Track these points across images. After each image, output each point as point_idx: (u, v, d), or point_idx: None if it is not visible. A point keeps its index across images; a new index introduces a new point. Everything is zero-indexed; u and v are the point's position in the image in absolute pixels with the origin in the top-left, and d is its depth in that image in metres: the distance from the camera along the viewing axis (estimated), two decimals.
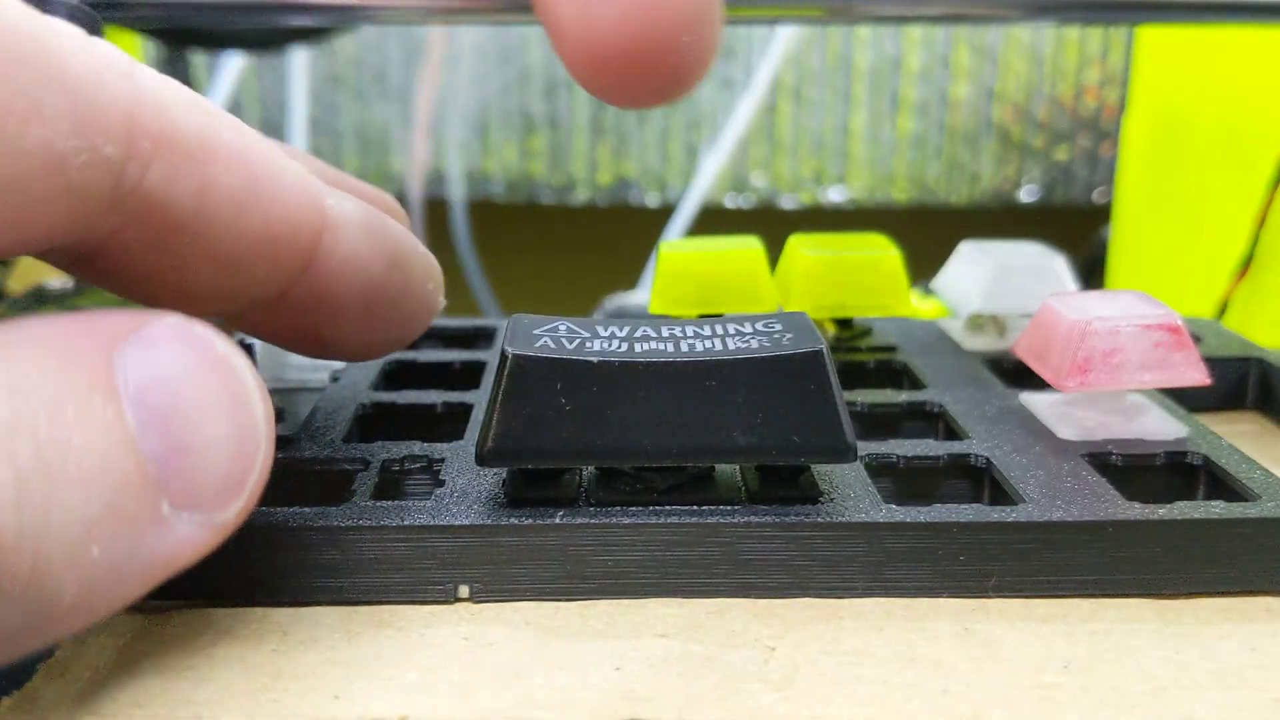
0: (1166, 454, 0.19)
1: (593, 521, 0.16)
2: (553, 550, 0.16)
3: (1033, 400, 0.21)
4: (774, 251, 0.25)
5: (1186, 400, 0.21)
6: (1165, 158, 0.51)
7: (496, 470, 0.17)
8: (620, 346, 0.16)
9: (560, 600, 0.16)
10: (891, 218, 0.74)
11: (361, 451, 0.18)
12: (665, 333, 0.17)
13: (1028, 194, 0.74)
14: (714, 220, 0.71)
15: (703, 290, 0.24)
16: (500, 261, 0.76)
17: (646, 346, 0.16)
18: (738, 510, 0.16)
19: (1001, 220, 0.75)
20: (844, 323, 0.26)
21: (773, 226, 0.32)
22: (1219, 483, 0.18)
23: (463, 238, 0.75)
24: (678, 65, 0.17)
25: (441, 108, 0.75)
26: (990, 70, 0.73)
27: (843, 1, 0.36)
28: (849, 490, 0.17)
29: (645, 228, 0.71)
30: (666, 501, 0.16)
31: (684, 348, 0.16)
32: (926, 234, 0.45)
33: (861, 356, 0.24)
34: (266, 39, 0.57)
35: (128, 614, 0.15)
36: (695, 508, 0.16)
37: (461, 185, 0.77)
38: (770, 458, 0.16)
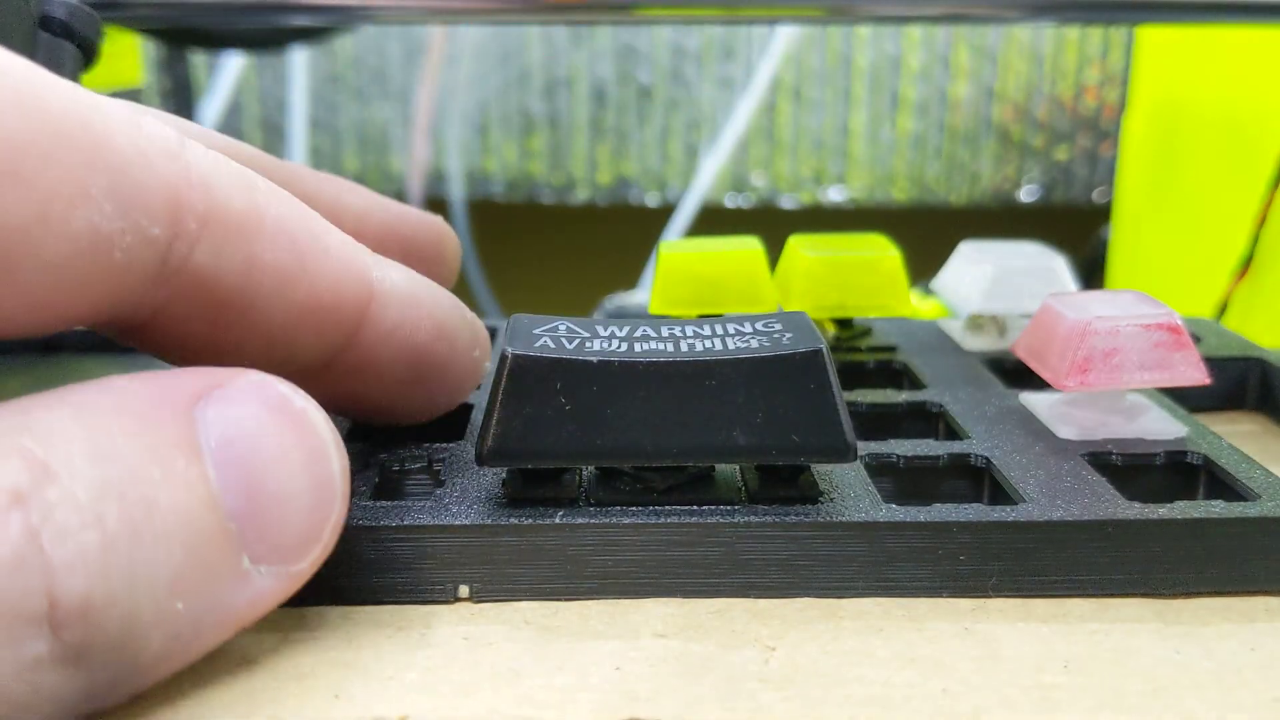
0: (1166, 454, 0.19)
1: (592, 521, 0.16)
2: (553, 550, 0.16)
3: (1033, 400, 0.21)
4: (774, 251, 0.25)
5: (1187, 400, 0.21)
6: (1165, 158, 0.51)
7: (496, 470, 0.17)
8: (620, 346, 0.16)
9: (560, 600, 0.16)
10: (891, 217, 0.74)
11: (362, 451, 0.18)
12: (665, 332, 0.17)
13: (1028, 194, 0.74)
14: (714, 220, 0.71)
15: (702, 290, 0.24)
16: (500, 261, 0.76)
17: (646, 346, 0.16)
18: (737, 510, 0.16)
19: (1001, 220, 0.75)
20: (844, 323, 0.26)
21: (773, 226, 0.32)
22: (1219, 482, 0.18)
23: (462, 237, 0.75)
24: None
25: (441, 107, 0.75)
26: (990, 70, 0.73)
27: (843, 1, 0.36)
28: (849, 490, 0.17)
29: (645, 228, 0.71)
30: (666, 501, 0.16)
31: (684, 347, 0.16)
32: (926, 234, 0.45)
33: (861, 356, 0.24)
34: (266, 39, 0.57)
35: None
36: (695, 507, 0.16)
37: (461, 185, 0.77)
38: (770, 457, 0.16)
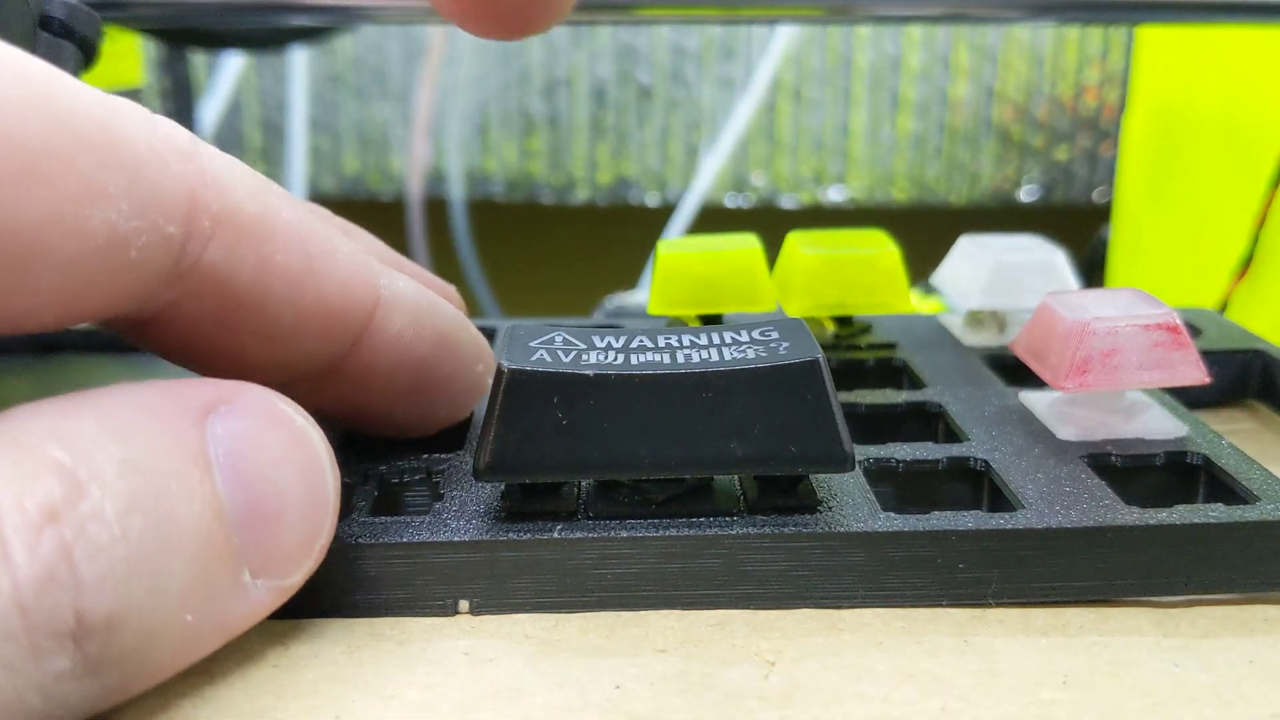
0: (1166, 454, 0.19)
1: (591, 535, 0.16)
2: (552, 564, 0.16)
3: (1032, 399, 0.21)
4: (773, 251, 0.25)
5: (1188, 393, 0.21)
6: (1165, 157, 0.51)
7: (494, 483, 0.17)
8: (616, 358, 0.16)
9: (560, 613, 0.16)
10: (891, 217, 0.74)
11: (360, 463, 0.18)
12: (662, 343, 0.17)
13: (1028, 193, 0.74)
14: (714, 220, 0.71)
15: (701, 290, 0.24)
16: (500, 261, 0.76)
17: (643, 358, 0.16)
18: (736, 521, 0.16)
19: (1001, 220, 0.74)
20: (843, 320, 0.25)
21: (772, 226, 0.32)
22: (1218, 483, 0.18)
23: (462, 237, 0.75)
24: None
25: (441, 107, 0.75)
26: (990, 70, 0.73)
27: (843, 1, 0.36)
28: (848, 498, 0.17)
29: (645, 227, 0.71)
30: (665, 513, 0.16)
31: (680, 359, 0.16)
32: (926, 234, 0.45)
33: (861, 354, 0.24)
34: (266, 39, 0.57)
35: None
36: (693, 519, 0.16)
37: (461, 185, 0.77)
38: (768, 468, 0.16)
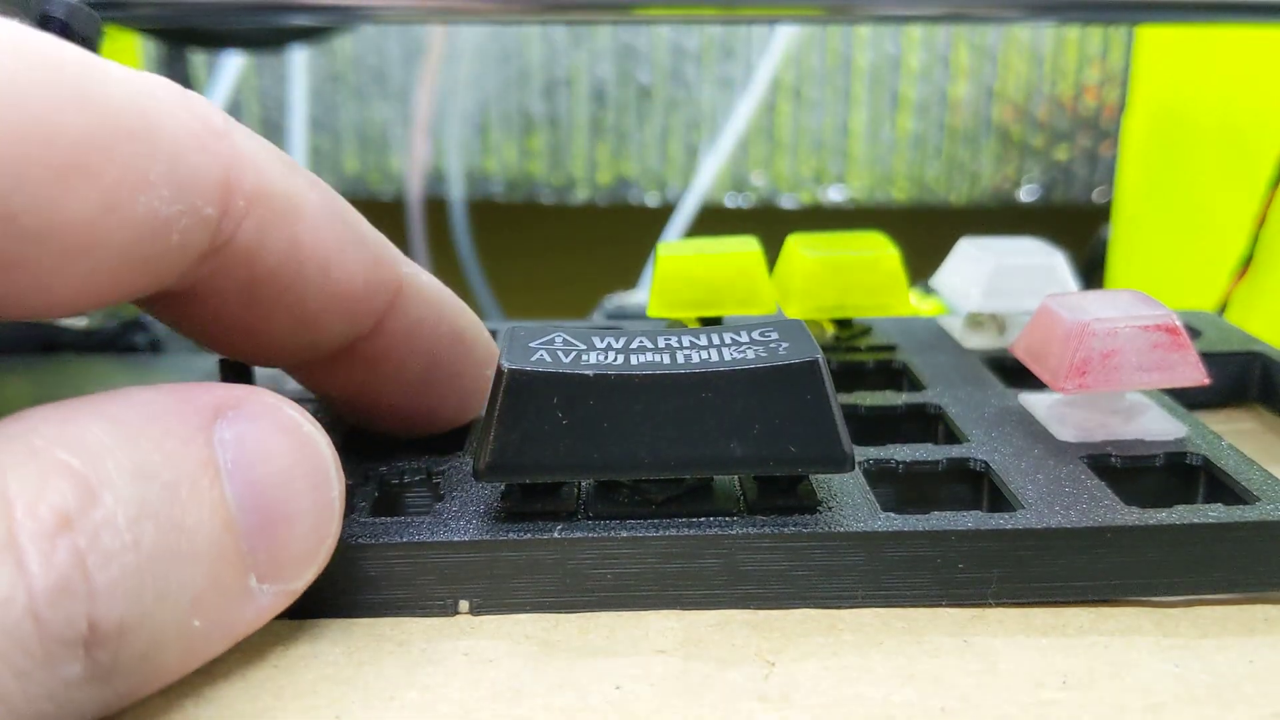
0: (1166, 455, 0.19)
1: (591, 535, 0.16)
2: (552, 564, 0.16)
3: (1032, 401, 0.21)
4: (773, 252, 0.25)
5: (1188, 396, 0.21)
6: (1165, 157, 0.51)
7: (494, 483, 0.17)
8: (616, 359, 0.16)
9: (560, 613, 0.16)
10: (891, 217, 0.74)
11: (360, 464, 0.18)
12: (661, 344, 0.17)
13: (1028, 193, 0.74)
14: (714, 220, 0.71)
15: (701, 292, 0.24)
16: (500, 261, 0.76)
17: (643, 359, 0.16)
18: (736, 521, 0.16)
19: (1001, 220, 0.74)
20: (843, 322, 0.25)
21: (772, 226, 0.32)
22: (1218, 484, 0.18)
23: (462, 237, 0.75)
24: None
25: (441, 107, 0.75)
26: (990, 70, 0.73)
27: (842, 1, 0.36)
28: (847, 498, 0.17)
29: (645, 227, 0.71)
30: (665, 513, 0.16)
31: (680, 359, 0.16)
32: (926, 233, 0.45)
33: (861, 356, 0.24)
34: (266, 38, 0.57)
35: None
36: (693, 519, 0.16)
37: (461, 185, 0.77)
38: (768, 468, 0.16)
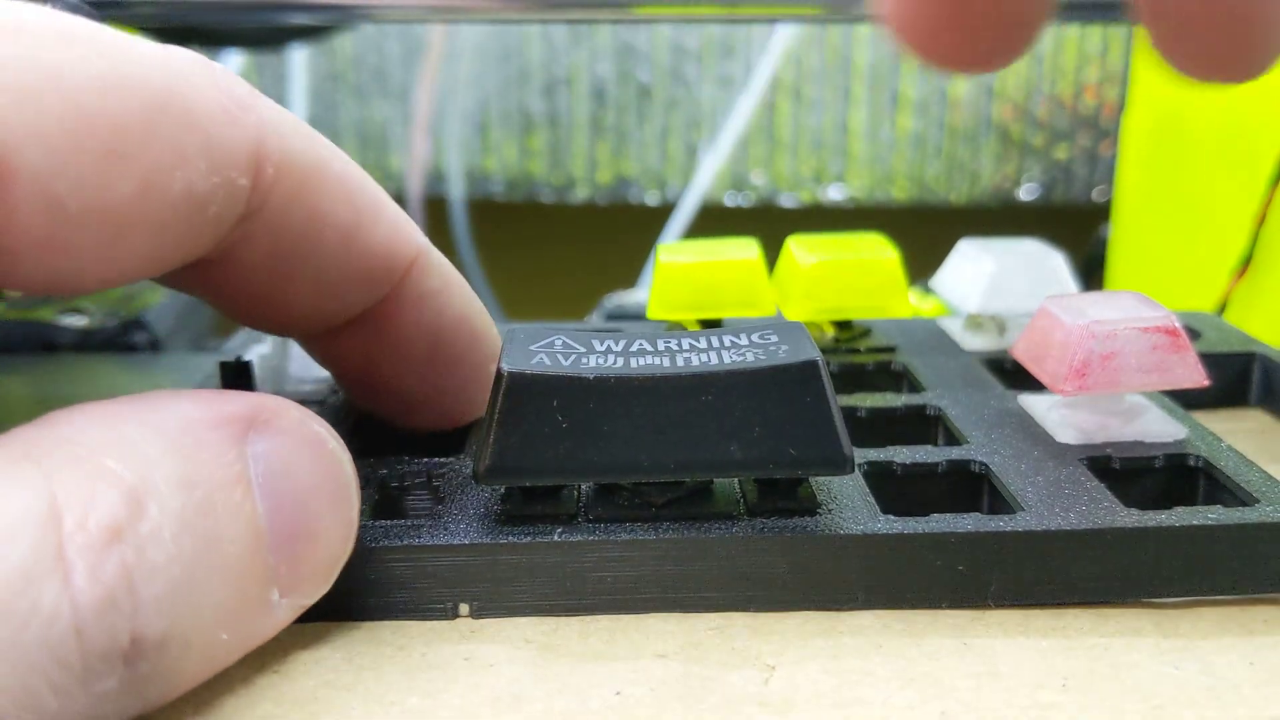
0: (1165, 456, 0.19)
1: (591, 538, 0.16)
2: (552, 567, 0.16)
3: (1031, 402, 0.21)
4: (773, 251, 0.25)
5: (1187, 396, 0.21)
6: (1165, 156, 0.51)
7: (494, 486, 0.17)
8: (616, 362, 0.16)
9: (561, 616, 0.16)
10: (891, 216, 0.74)
11: (361, 468, 0.18)
12: (661, 346, 0.17)
13: (1027, 192, 0.74)
14: (714, 219, 0.71)
15: (701, 294, 0.24)
16: (500, 260, 0.75)
17: (642, 361, 0.16)
18: (736, 524, 0.16)
19: (1001, 219, 0.74)
20: (843, 324, 0.26)
21: (772, 225, 0.32)
22: (1218, 485, 0.18)
23: (462, 236, 0.75)
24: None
25: (441, 106, 0.75)
26: None
27: (842, 0, 0.36)
28: (847, 500, 0.17)
29: (645, 226, 0.70)
30: (665, 516, 0.16)
31: (680, 362, 0.16)
32: (926, 232, 0.45)
33: (861, 358, 0.24)
34: (266, 37, 0.57)
35: None
36: (693, 522, 0.16)
37: (461, 183, 0.76)
38: (767, 471, 0.16)
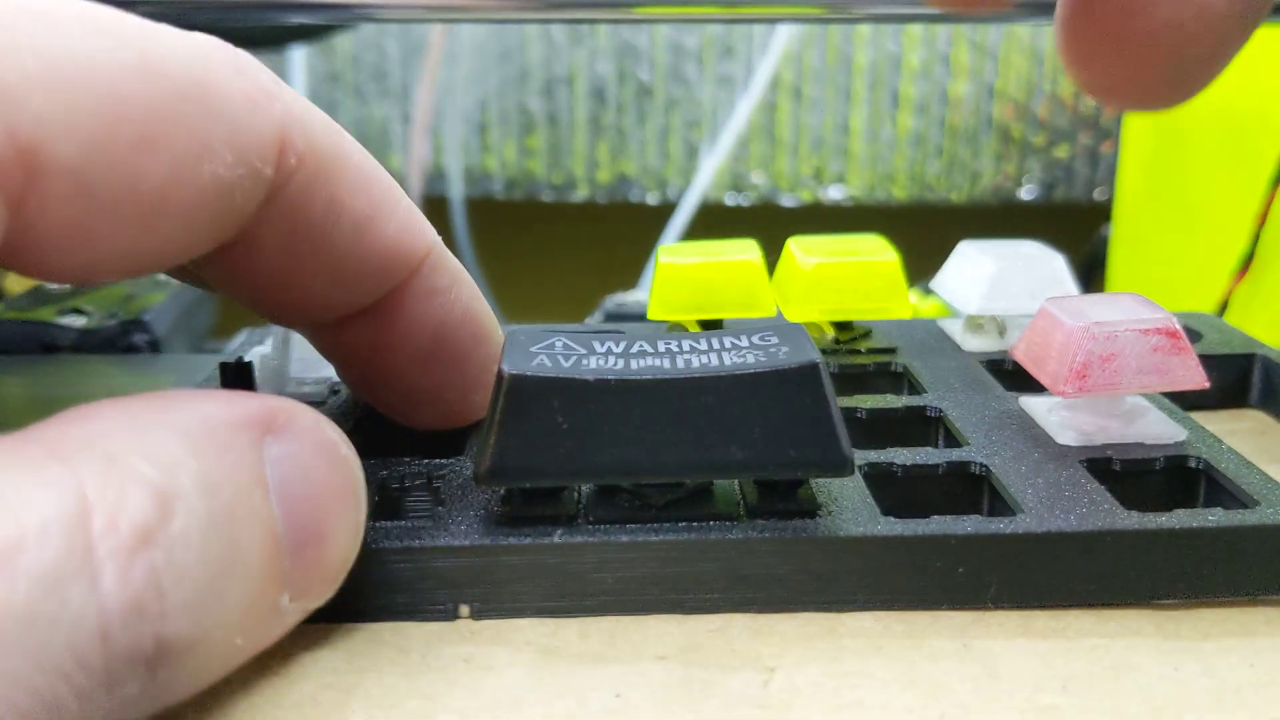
0: (1165, 458, 0.19)
1: (591, 539, 0.16)
2: (552, 568, 0.16)
3: (1032, 404, 0.21)
4: (773, 250, 0.25)
5: (1187, 397, 0.21)
6: (1165, 156, 0.51)
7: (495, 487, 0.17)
8: (617, 363, 0.16)
9: (561, 618, 0.16)
10: (891, 216, 0.74)
11: (362, 468, 0.18)
12: (661, 348, 0.17)
13: (1028, 192, 0.74)
14: (714, 218, 0.71)
15: (701, 296, 0.24)
16: (499, 259, 0.75)
17: (643, 363, 0.16)
18: (736, 525, 0.16)
19: (1001, 218, 0.74)
20: (843, 325, 0.26)
21: (772, 225, 0.32)
22: (1218, 487, 0.18)
23: (462, 235, 0.75)
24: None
25: (441, 105, 0.75)
26: (990, 68, 0.73)
27: (842, 1, 0.36)
28: (847, 502, 0.17)
29: (645, 226, 0.70)
30: (665, 517, 0.16)
31: (680, 363, 0.16)
32: (926, 232, 0.45)
33: (861, 359, 0.24)
34: (265, 37, 0.57)
35: None
36: (694, 523, 0.16)
37: (461, 183, 0.76)
38: (767, 472, 0.16)
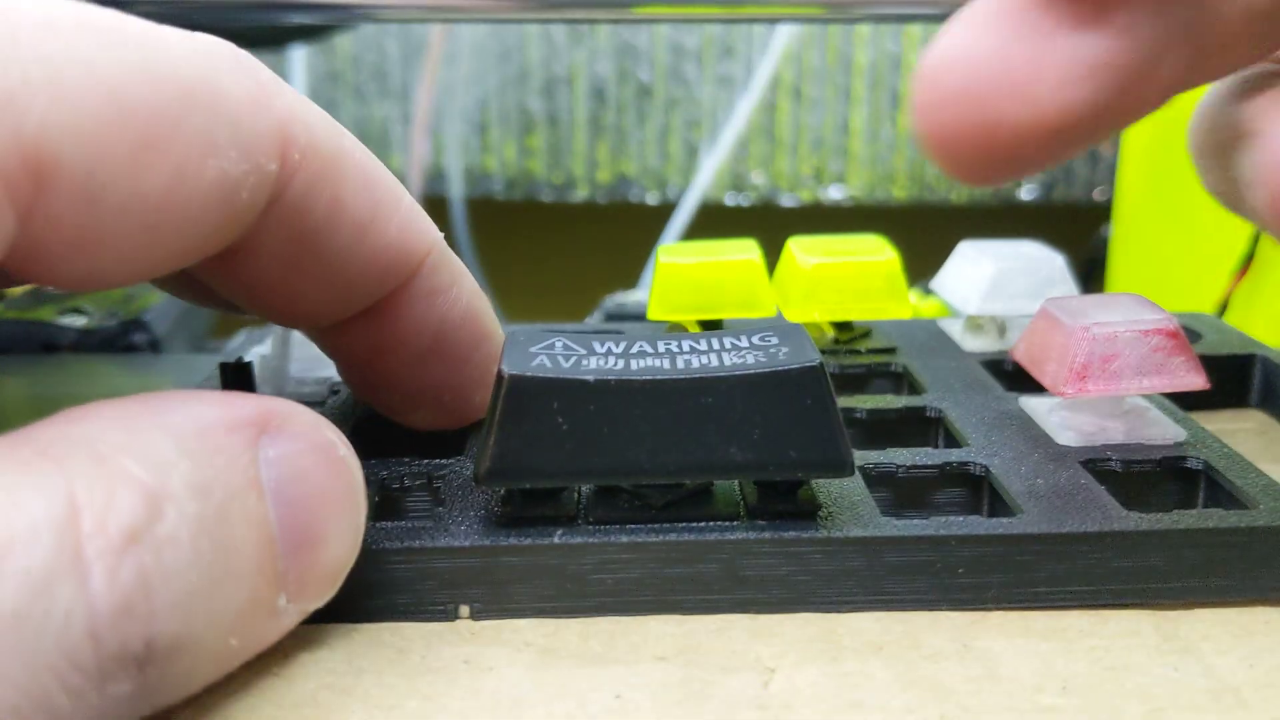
0: (1165, 459, 0.19)
1: (591, 540, 0.16)
2: (552, 569, 0.16)
3: (1031, 404, 0.21)
4: (773, 251, 0.25)
5: (1187, 398, 0.21)
6: (1165, 156, 0.51)
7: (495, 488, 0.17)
8: (616, 364, 0.16)
9: (560, 618, 0.16)
10: (891, 216, 0.74)
11: (362, 469, 0.18)
12: (662, 348, 0.17)
13: (1028, 192, 0.74)
14: (714, 218, 0.71)
15: (701, 296, 0.24)
16: (499, 259, 0.75)
17: (643, 364, 0.16)
18: (736, 526, 0.16)
19: (1001, 218, 0.74)
20: (843, 325, 0.26)
21: (772, 225, 0.32)
22: (1218, 488, 0.18)
23: (462, 235, 0.75)
24: None
25: (441, 105, 0.75)
26: None
27: (842, 1, 0.36)
28: (847, 502, 0.17)
29: (645, 226, 0.70)
30: (665, 518, 0.16)
31: (680, 364, 0.16)
32: (926, 232, 0.45)
33: (861, 360, 0.24)
34: (266, 37, 0.57)
35: None
36: (694, 524, 0.16)
37: (461, 183, 0.76)
38: (768, 473, 0.16)
